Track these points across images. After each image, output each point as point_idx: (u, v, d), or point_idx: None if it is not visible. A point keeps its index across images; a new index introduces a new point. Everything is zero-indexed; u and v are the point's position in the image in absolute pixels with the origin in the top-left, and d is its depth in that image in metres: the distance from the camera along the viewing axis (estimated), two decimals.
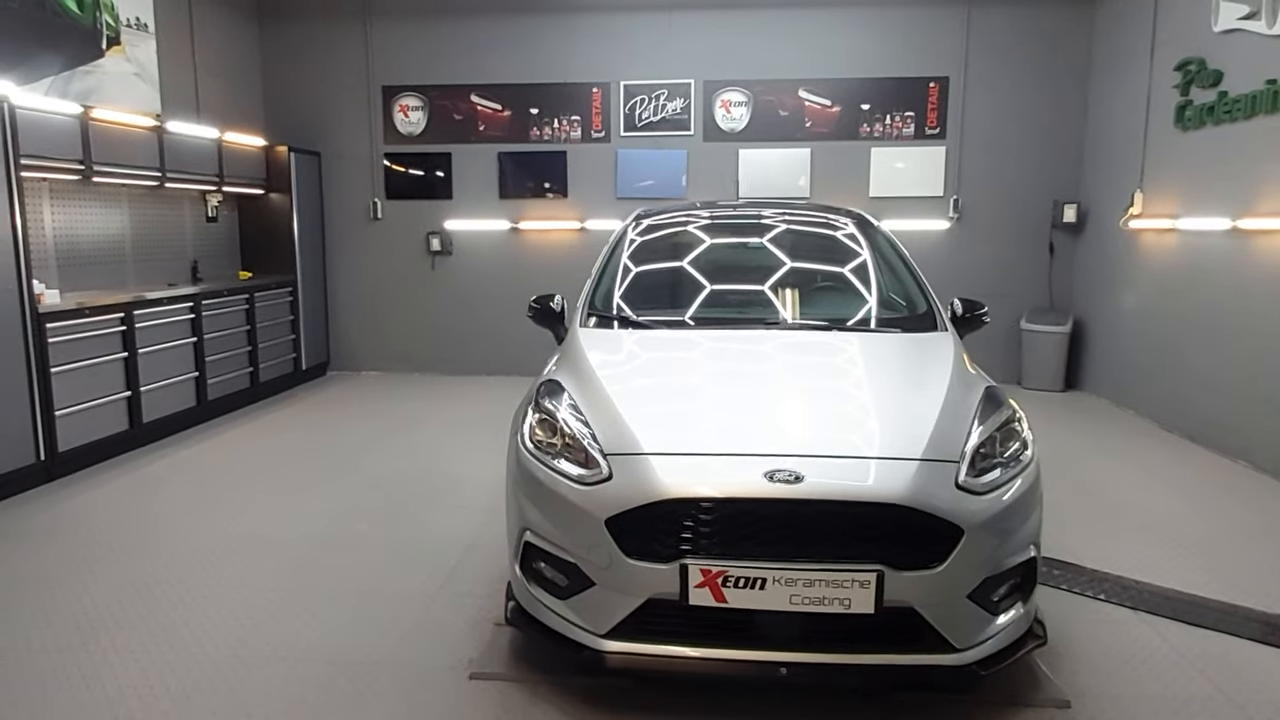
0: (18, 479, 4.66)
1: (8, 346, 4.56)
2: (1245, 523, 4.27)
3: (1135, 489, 4.81)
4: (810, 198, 7.74)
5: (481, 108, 7.92)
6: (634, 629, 2.51)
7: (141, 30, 6.33)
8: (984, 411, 2.76)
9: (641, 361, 3.15)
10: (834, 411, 2.76)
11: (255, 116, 7.92)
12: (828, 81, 7.60)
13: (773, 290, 3.62)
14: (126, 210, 6.19)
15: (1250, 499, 4.63)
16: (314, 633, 3.11)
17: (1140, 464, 5.31)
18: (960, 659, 2.46)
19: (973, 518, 2.43)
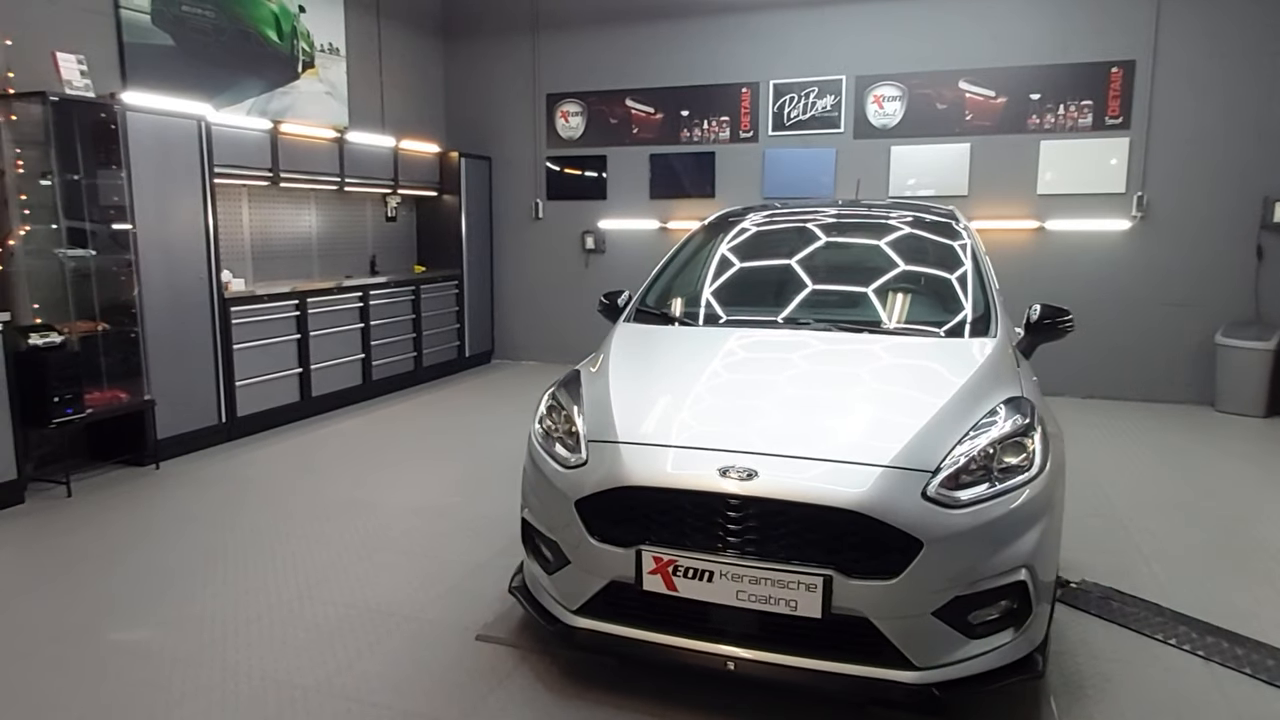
0: (204, 436, 5.55)
1: (200, 326, 5.44)
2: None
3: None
4: (969, 195, 7.27)
5: (635, 111, 8.21)
6: (601, 608, 2.61)
7: (333, 54, 7.23)
8: (988, 422, 2.56)
9: (654, 356, 3.22)
10: (816, 412, 2.68)
11: (437, 126, 8.75)
12: (992, 71, 7.10)
13: (817, 291, 3.53)
14: (313, 211, 7.10)
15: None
16: (368, 585, 3.49)
17: None
18: (918, 678, 2.33)
19: (936, 531, 2.29)
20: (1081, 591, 3.38)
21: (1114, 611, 3.21)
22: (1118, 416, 6.51)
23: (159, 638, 3.05)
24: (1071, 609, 3.28)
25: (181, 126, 5.24)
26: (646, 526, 2.51)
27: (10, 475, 4.39)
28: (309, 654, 2.93)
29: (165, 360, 5.19)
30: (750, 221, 4.15)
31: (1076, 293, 7.07)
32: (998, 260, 7.17)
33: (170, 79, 5.65)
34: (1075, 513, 4.35)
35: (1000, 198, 7.21)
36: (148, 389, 5.07)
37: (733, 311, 3.54)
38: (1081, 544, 3.95)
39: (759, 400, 2.77)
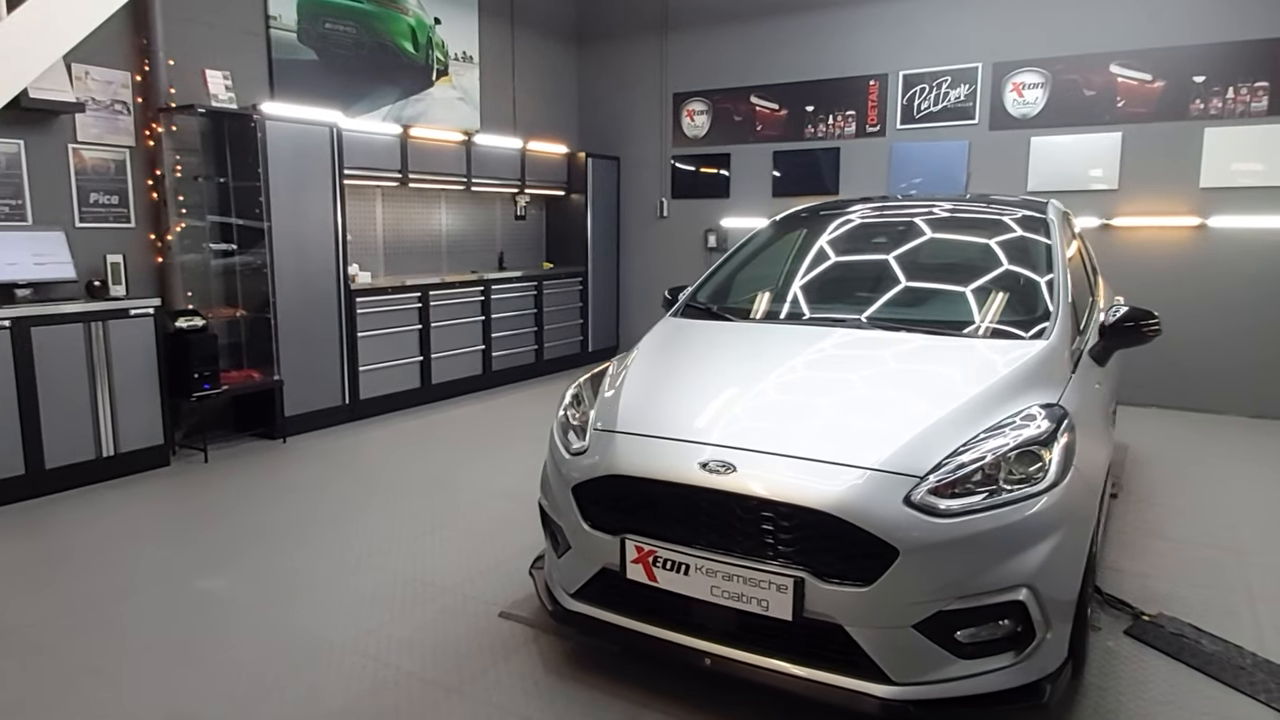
0: (328, 415, 6.07)
1: (327, 315, 5.97)
2: None
3: None
4: (1118, 189, 6.63)
5: (760, 108, 8.12)
6: (594, 594, 2.65)
7: (467, 62, 7.67)
8: (1002, 429, 2.37)
9: (680, 349, 3.19)
10: (814, 410, 2.57)
11: (569, 128, 9.05)
12: (1148, 52, 6.43)
13: (864, 290, 3.37)
14: (443, 209, 7.57)
15: None
16: (422, 558, 3.71)
17: None
18: (895, 693, 2.20)
19: (914, 539, 2.16)
20: (1153, 625, 3.03)
21: (1185, 650, 2.86)
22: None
23: (232, 588, 3.40)
24: (1138, 643, 2.95)
25: (315, 133, 5.76)
26: (634, 516, 2.53)
27: (158, 440, 5.02)
28: (349, 615, 3.17)
29: (294, 345, 5.73)
30: (816, 220, 4.03)
31: (1247, 298, 6.30)
32: (1148, 261, 6.53)
33: (312, 90, 6.22)
34: (1187, 541, 3.91)
35: (1155, 192, 6.52)
36: (277, 370, 5.62)
37: (771, 308, 3.46)
38: (1182, 575, 3.54)
39: (760, 395, 2.70)
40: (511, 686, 2.68)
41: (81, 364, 4.62)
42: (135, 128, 5.22)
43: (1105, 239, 6.74)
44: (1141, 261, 6.63)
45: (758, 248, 3.96)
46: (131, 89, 5.18)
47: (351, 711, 2.54)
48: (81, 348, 4.62)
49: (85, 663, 2.82)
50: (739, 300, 3.63)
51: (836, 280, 3.50)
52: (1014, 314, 3.04)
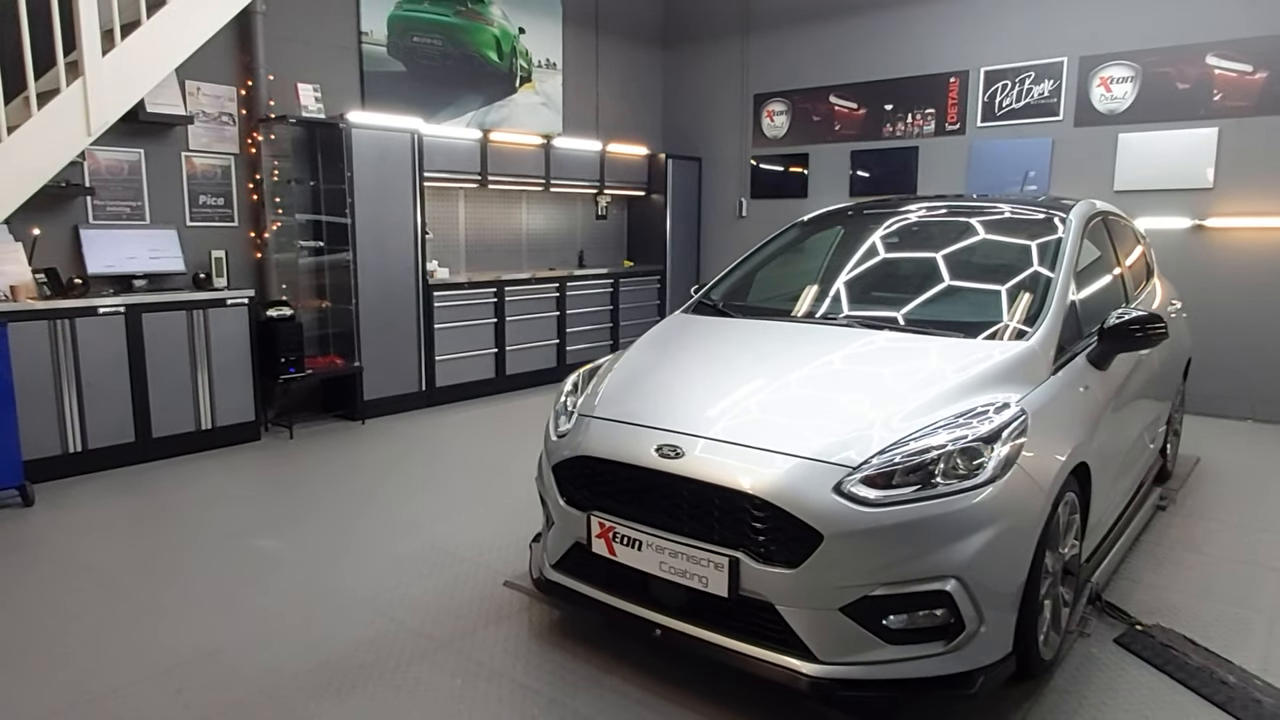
0: (406, 400, 6.55)
1: (406, 307, 6.44)
2: None
3: None
4: (1213, 188, 6.25)
5: (838, 107, 8.09)
6: (571, 566, 2.87)
7: (550, 69, 8.03)
8: (952, 425, 2.42)
9: (675, 341, 3.34)
10: (773, 401, 2.68)
11: (653, 130, 9.28)
12: (1249, 41, 6.04)
13: (863, 290, 3.42)
14: (524, 209, 7.96)
15: None
16: (454, 531, 4.03)
17: None
18: (820, 671, 2.31)
19: (839, 525, 2.26)
20: (1144, 635, 2.96)
21: (1170, 662, 2.79)
22: None
23: (285, 547, 3.83)
24: (1126, 651, 2.90)
25: (397, 139, 6.24)
26: (601, 494, 2.73)
27: (249, 417, 5.60)
28: (375, 575, 3.52)
29: (375, 335, 6.22)
30: (836, 220, 4.10)
31: None
32: (1245, 264, 6.12)
33: (400, 99, 6.72)
34: (1223, 557, 3.76)
35: (1257, 190, 6.11)
36: (358, 358, 6.13)
37: (767, 305, 3.58)
38: (1203, 589, 3.41)
39: (723, 386, 2.83)
40: (494, 645, 2.93)
41: (184, 346, 5.23)
42: (239, 137, 5.83)
43: (1197, 240, 6.38)
44: (1238, 264, 6.23)
45: (777, 249, 4.06)
46: (236, 102, 5.79)
47: (350, 654, 2.87)
48: (184, 332, 5.23)
49: (142, 601, 3.28)
50: (745, 298, 3.76)
51: (835, 280, 3.56)
52: (1000, 315, 3.04)
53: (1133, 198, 6.55)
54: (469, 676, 2.73)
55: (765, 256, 4.02)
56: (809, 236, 4.12)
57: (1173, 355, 4.32)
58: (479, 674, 2.75)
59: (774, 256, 4.03)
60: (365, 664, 2.81)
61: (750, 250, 4.11)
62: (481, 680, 2.71)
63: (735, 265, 4.02)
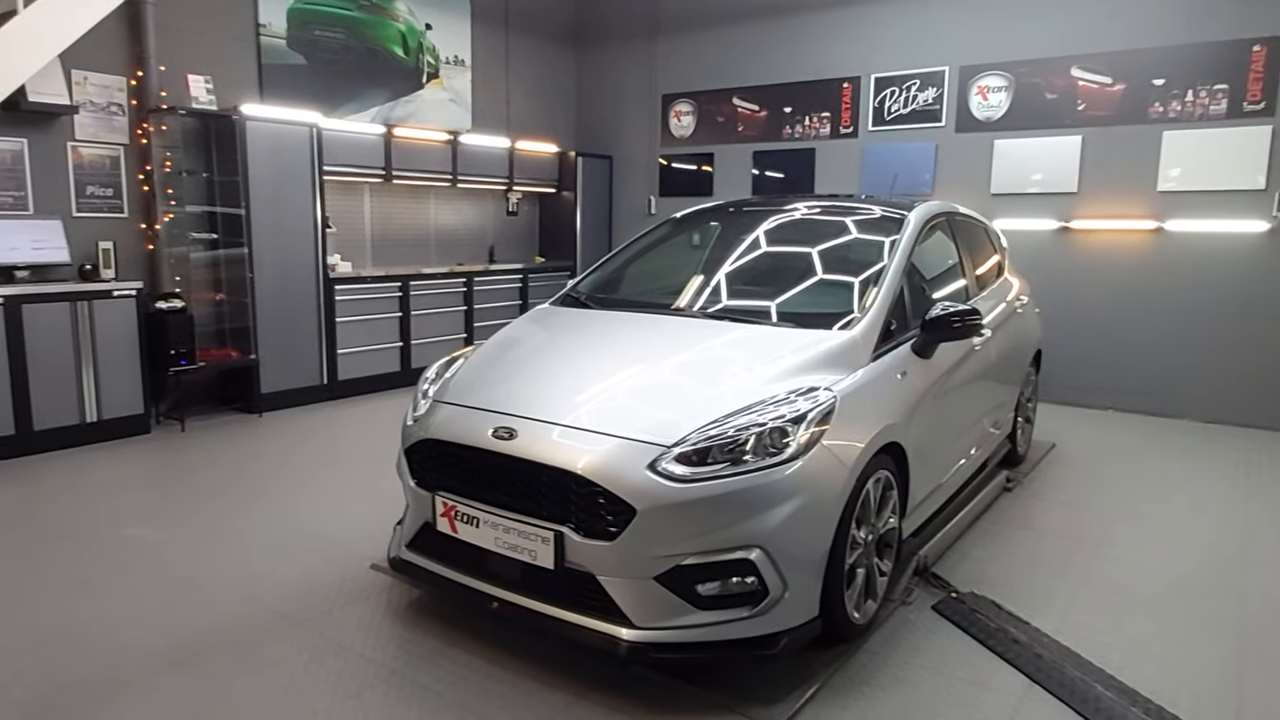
0: (307, 394, 6.57)
1: (305, 300, 6.46)
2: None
3: None
4: (1078, 192, 6.67)
5: (741, 109, 8.35)
6: (423, 544, 3.01)
7: (459, 65, 8.10)
8: (766, 407, 2.63)
9: (531, 331, 3.51)
10: (607, 386, 2.86)
11: (566, 128, 9.42)
12: (1108, 55, 6.47)
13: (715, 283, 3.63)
14: (432, 205, 8.02)
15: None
16: (334, 518, 4.12)
17: None
18: (636, 636, 2.49)
19: (651, 500, 2.45)
20: (956, 602, 3.24)
21: (975, 625, 3.06)
22: (1236, 446, 5.71)
23: (157, 536, 3.87)
24: (940, 617, 3.17)
25: (294, 133, 6.25)
26: (447, 476, 2.87)
27: (138, 410, 5.57)
28: (244, 561, 3.60)
29: (272, 328, 6.23)
30: (707, 218, 4.33)
31: (1202, 303, 6.30)
32: (1106, 264, 6.56)
33: (301, 93, 6.73)
34: (1050, 533, 4.10)
35: (1114, 195, 6.54)
36: (255, 350, 6.13)
37: (632, 297, 3.77)
38: (1023, 562, 3.72)
39: (570, 372, 3.01)
40: (348, 624, 3.05)
41: (68, 338, 5.18)
42: (129, 127, 5.78)
43: (1063, 241, 6.80)
44: (1099, 264, 6.67)
45: (647, 245, 4.25)
46: (126, 92, 5.74)
47: (203, 634, 2.95)
48: (68, 324, 5.18)
49: (5, 590, 3.30)
50: (614, 291, 3.94)
51: (691, 275, 3.76)
52: (829, 307, 3.28)
53: (1007, 200, 6.95)
54: (317, 653, 2.85)
55: (635, 252, 4.21)
56: (678, 233, 4.33)
57: (1016, 345, 4.65)
58: (327, 650, 2.86)
59: (644, 252, 4.22)
60: (216, 643, 2.90)
61: (621, 245, 4.29)
62: (329, 656, 2.83)
63: (605, 260, 4.20)
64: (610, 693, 2.61)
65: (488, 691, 2.62)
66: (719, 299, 3.51)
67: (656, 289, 3.81)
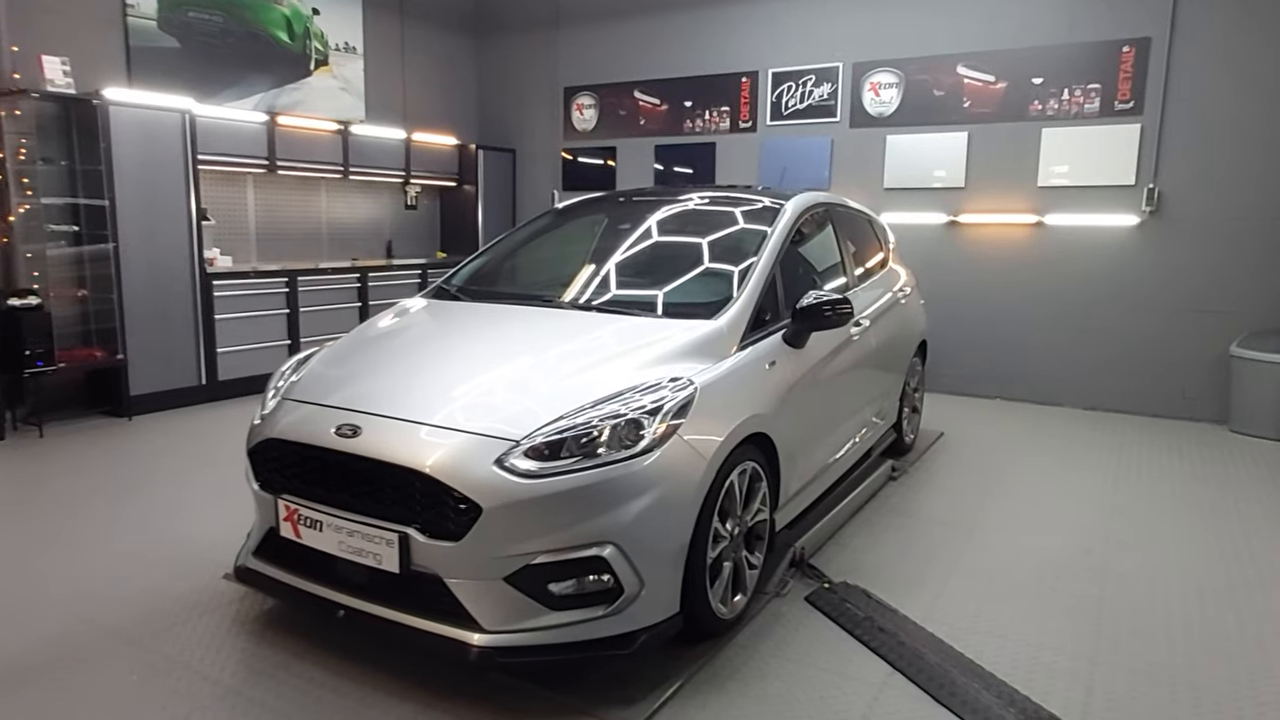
0: (183, 395, 6.22)
1: (180, 297, 6.11)
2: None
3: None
4: (965, 188, 6.83)
5: (642, 103, 8.29)
6: (269, 552, 2.83)
7: (350, 52, 7.81)
8: (623, 398, 2.55)
9: (394, 324, 3.38)
10: (457, 379, 2.75)
11: (468, 120, 9.20)
12: (991, 54, 6.64)
13: (590, 274, 3.55)
14: (324, 197, 7.72)
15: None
16: (194, 526, 3.88)
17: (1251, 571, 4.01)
18: (485, 640, 2.38)
19: (497, 497, 2.34)
20: (828, 593, 3.23)
21: (844, 615, 3.06)
22: (1110, 431, 5.93)
23: (6, 545, 3.57)
24: (812, 608, 3.15)
25: (165, 119, 5.90)
26: (291, 477, 2.71)
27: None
28: (84, 574, 3.34)
29: (142, 326, 5.87)
30: (591, 208, 4.24)
31: (1079, 293, 6.53)
32: (992, 257, 6.75)
33: (174, 77, 6.36)
34: (929, 519, 4.15)
35: (999, 190, 6.73)
36: (122, 350, 5.77)
37: (505, 289, 3.66)
38: (900, 550, 3.75)
39: (425, 366, 2.88)
40: (188, 640, 2.85)
41: None
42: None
43: (952, 235, 6.96)
44: (986, 257, 6.85)
45: (528, 236, 4.14)
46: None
47: (22, 656, 2.71)
48: None
49: None
50: (492, 283, 3.81)
51: (567, 265, 3.68)
52: (700, 297, 3.23)
53: (900, 195, 7.08)
54: (149, 672, 2.64)
55: (513, 244, 4.09)
56: (559, 225, 4.22)
57: (900, 335, 4.71)
58: (161, 669, 2.67)
59: (523, 244, 4.11)
60: (36, 665, 2.67)
61: (500, 236, 4.17)
62: (161, 675, 2.63)
63: (482, 251, 4.07)
64: (462, 701, 2.50)
65: (330, 706, 2.48)
66: (592, 291, 3.43)
67: (531, 281, 3.72)
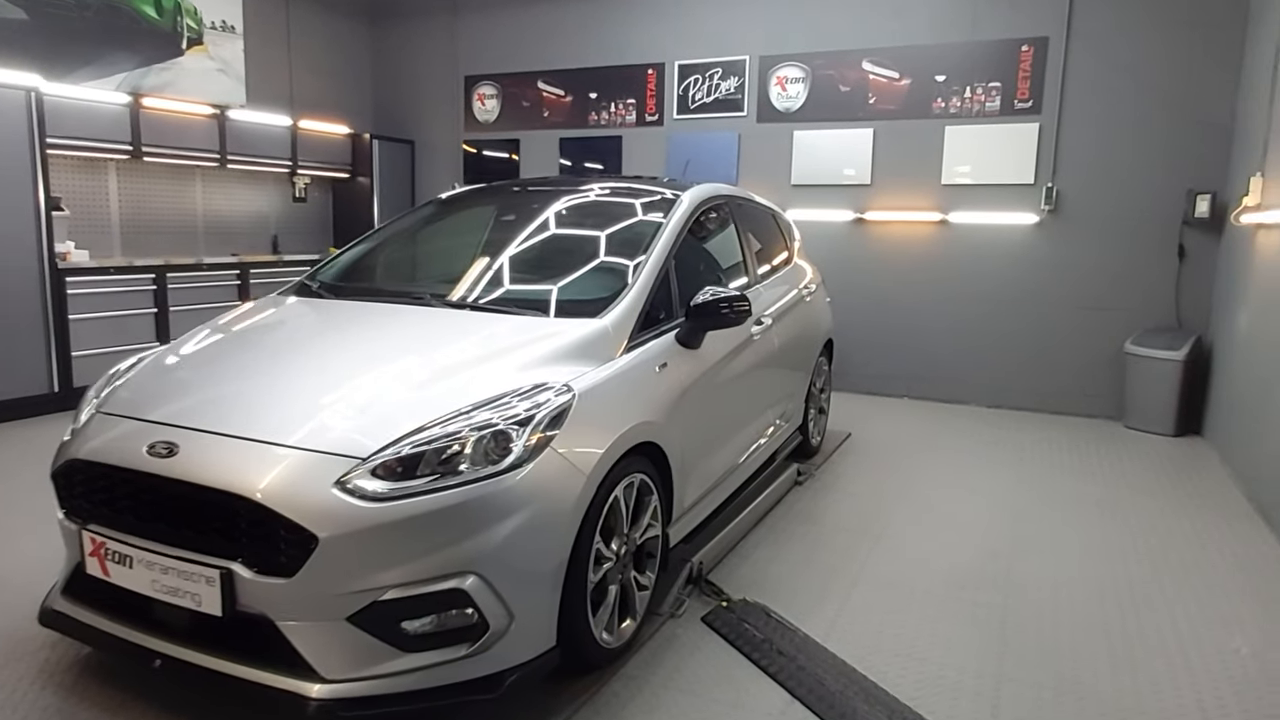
0: (33, 404, 5.60)
1: (25, 296, 5.49)
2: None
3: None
4: (871, 185, 6.77)
5: (546, 94, 7.98)
6: (79, 590, 2.42)
7: (228, 32, 7.24)
8: (491, 406, 2.26)
9: (239, 326, 3.00)
10: (305, 386, 2.41)
11: (361, 109, 8.69)
12: (896, 50, 6.58)
13: (464, 269, 3.24)
14: (199, 187, 7.14)
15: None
16: (21, 559, 3.41)
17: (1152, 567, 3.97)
18: (326, 692, 2.05)
19: (338, 524, 2.02)
20: (727, 612, 3.01)
21: (741, 637, 2.84)
22: (1014, 429, 5.93)
23: None
24: (709, 630, 2.92)
25: (3, 97, 5.29)
26: (99, 504, 2.31)
27: None
28: None
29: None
30: (475, 199, 3.93)
31: (982, 292, 6.53)
32: (898, 255, 6.70)
33: (19, 52, 5.72)
34: (835, 526, 4.00)
35: (904, 188, 6.68)
36: None
37: (373, 285, 3.32)
38: (803, 560, 3.56)
39: (266, 373, 2.53)
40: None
41: None
42: None
43: (859, 233, 6.89)
44: (892, 255, 6.80)
45: (406, 228, 3.79)
46: None
47: None
48: None
49: None
50: (350, 279, 3.46)
51: (442, 260, 3.39)
52: (585, 294, 2.96)
53: (807, 192, 6.97)
54: None
55: (389, 236, 3.74)
56: (441, 216, 3.89)
57: (805, 334, 4.55)
58: None
59: (401, 236, 3.76)
60: None
61: (377, 228, 3.81)
62: None
63: (355, 243, 3.70)
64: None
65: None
66: (469, 288, 3.12)
67: (404, 277, 3.38)
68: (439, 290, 3.10)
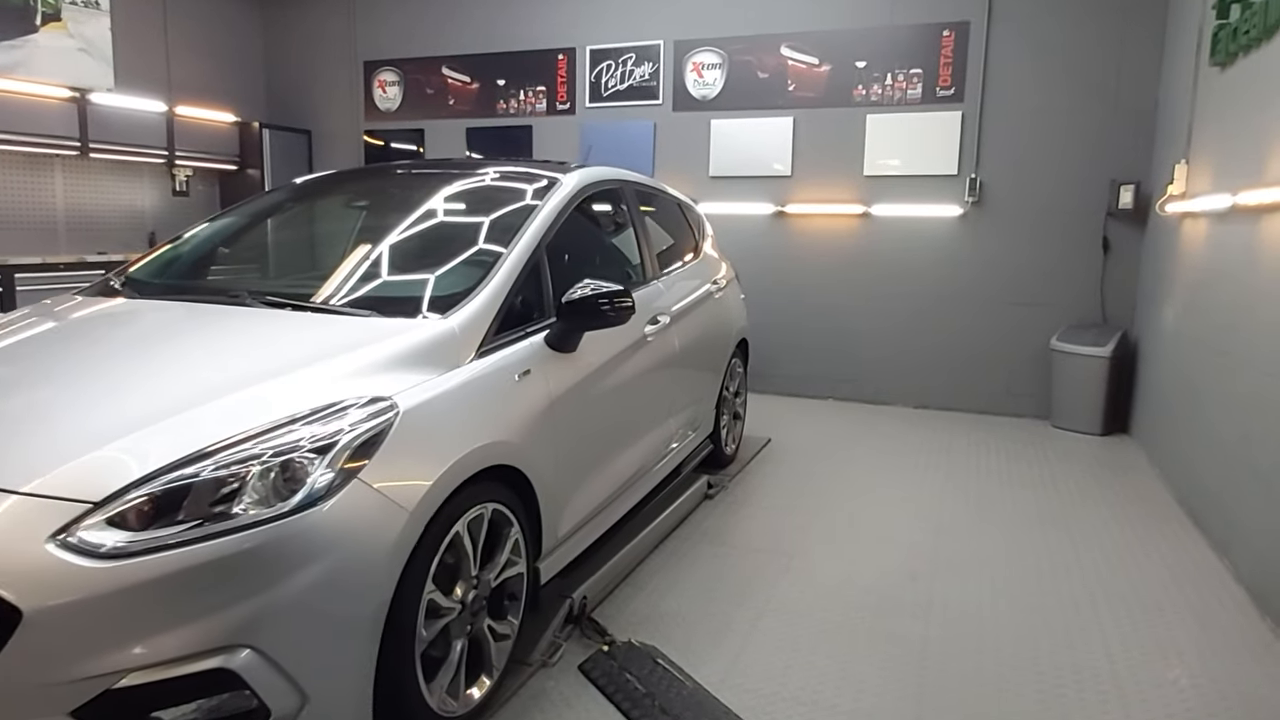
0: None
1: None
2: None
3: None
4: (792, 176, 6.44)
5: (452, 80, 7.47)
6: None
7: (91, 8, 6.55)
8: (279, 432, 1.80)
9: (12, 331, 2.47)
10: (56, 410, 1.91)
11: (252, 96, 8.04)
12: (815, 35, 6.27)
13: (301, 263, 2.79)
14: (58, 178, 6.44)
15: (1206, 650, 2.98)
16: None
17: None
18: None
19: (50, 593, 1.54)
20: (606, 658, 2.59)
21: (620, 690, 2.42)
22: (939, 431, 5.65)
23: None
24: (586, 680, 2.50)
25: None
26: None
27: None
28: None
29: None
30: (326, 185, 3.43)
31: (906, 287, 6.26)
32: (820, 250, 6.39)
33: None
34: (744, 547, 3.61)
35: (825, 179, 6.38)
36: None
37: (181, 282, 2.82)
38: (706, 587, 3.16)
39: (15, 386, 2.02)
40: None
41: None
42: None
43: (780, 227, 6.56)
44: (814, 250, 6.49)
45: (248, 216, 3.28)
46: None
47: None
48: None
49: None
50: (168, 275, 2.95)
51: (282, 252, 2.90)
52: (433, 290, 2.50)
53: (726, 184, 6.62)
54: None
55: (228, 225, 3.22)
56: (291, 203, 3.38)
57: (713, 333, 4.17)
58: None
59: (242, 225, 3.25)
60: None
61: (212, 216, 3.29)
62: None
63: (184, 234, 3.18)
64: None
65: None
66: (297, 283, 2.64)
67: (231, 272, 2.88)
68: (260, 288, 2.61)
